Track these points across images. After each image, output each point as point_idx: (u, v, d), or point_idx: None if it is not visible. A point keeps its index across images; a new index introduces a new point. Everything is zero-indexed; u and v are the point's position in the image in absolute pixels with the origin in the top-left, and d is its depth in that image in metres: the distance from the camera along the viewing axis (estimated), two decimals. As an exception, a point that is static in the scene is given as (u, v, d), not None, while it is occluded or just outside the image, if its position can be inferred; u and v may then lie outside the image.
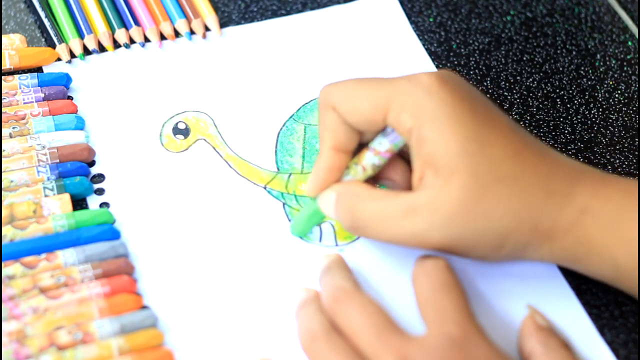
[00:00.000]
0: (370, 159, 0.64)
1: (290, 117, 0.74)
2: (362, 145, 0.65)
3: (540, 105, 0.75)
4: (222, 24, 0.79)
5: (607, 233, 0.60)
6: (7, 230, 0.65)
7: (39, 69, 0.76)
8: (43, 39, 0.78)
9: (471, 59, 0.78)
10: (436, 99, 0.61)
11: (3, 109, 0.71)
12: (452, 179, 0.60)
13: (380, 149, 0.64)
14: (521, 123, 0.74)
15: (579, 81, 0.77)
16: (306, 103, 0.75)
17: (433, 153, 0.60)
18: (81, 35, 0.77)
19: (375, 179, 0.66)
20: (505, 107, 0.75)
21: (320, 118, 0.65)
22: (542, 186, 0.60)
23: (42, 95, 0.73)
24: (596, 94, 0.76)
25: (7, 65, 0.74)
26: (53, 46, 0.77)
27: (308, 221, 0.67)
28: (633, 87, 0.76)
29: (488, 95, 0.75)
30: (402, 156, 0.65)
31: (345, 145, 0.64)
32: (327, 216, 0.65)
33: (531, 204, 0.60)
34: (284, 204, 0.70)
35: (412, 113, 0.61)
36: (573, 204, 0.60)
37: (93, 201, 0.69)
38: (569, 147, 0.72)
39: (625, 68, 0.77)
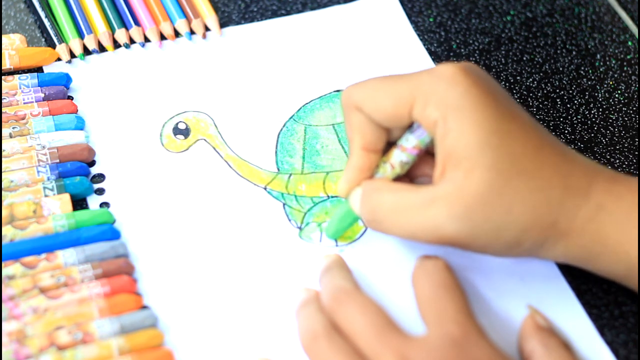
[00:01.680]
0: (398, 157, 0.64)
1: (291, 117, 0.74)
2: (391, 144, 0.65)
3: (540, 105, 0.75)
4: (222, 24, 0.79)
5: (621, 230, 0.60)
6: (7, 230, 0.65)
7: (39, 69, 0.76)
8: (43, 39, 0.78)
9: (471, 59, 0.78)
10: (459, 90, 0.61)
11: (3, 109, 0.71)
12: (474, 172, 0.59)
13: (407, 145, 0.64)
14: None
15: (579, 81, 0.77)
16: (306, 103, 0.75)
17: (455, 145, 0.60)
18: (81, 35, 0.77)
19: (411, 178, 0.66)
20: (505, 107, 0.75)
21: (347, 119, 0.65)
22: (560, 182, 0.60)
23: (42, 95, 0.73)
24: (596, 94, 0.76)
25: (7, 65, 0.74)
26: (53, 46, 0.77)
27: (340, 222, 0.67)
28: (633, 87, 0.76)
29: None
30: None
31: (374, 145, 0.64)
32: (357, 214, 0.65)
33: (550, 199, 0.60)
34: (284, 204, 0.70)
35: (437, 105, 0.61)
36: (590, 201, 0.60)
37: (93, 201, 0.69)
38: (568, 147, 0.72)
39: (625, 68, 0.77)
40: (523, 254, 0.62)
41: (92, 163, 0.71)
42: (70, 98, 0.74)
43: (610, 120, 0.74)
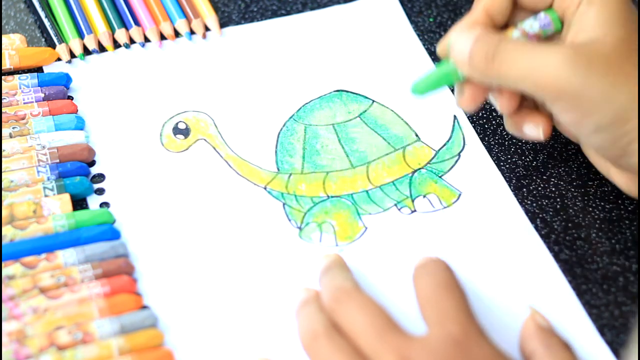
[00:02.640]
0: (516, 36, 0.64)
1: (291, 117, 0.74)
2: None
3: (541, 105, 0.75)
4: (222, 24, 0.79)
5: None
6: (7, 230, 0.65)
7: (39, 69, 0.76)
8: (43, 39, 0.78)
9: (471, 59, 0.77)
10: None
11: (3, 109, 0.71)
12: (605, 37, 0.62)
13: (530, 30, 0.65)
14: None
15: (579, 81, 0.76)
16: (306, 103, 0.75)
17: (595, 16, 0.62)
18: (81, 35, 0.77)
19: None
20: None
21: None
22: None
23: (42, 95, 0.73)
24: (596, 94, 0.76)
25: (7, 65, 0.74)
26: (53, 46, 0.77)
27: (436, 82, 0.65)
28: (633, 87, 0.76)
29: (488, 95, 0.75)
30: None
31: (497, 13, 0.65)
32: (457, 61, 0.64)
33: None
34: (284, 204, 0.70)
35: None
36: None
37: (93, 201, 0.69)
38: (568, 147, 0.72)
39: (625, 68, 0.77)
40: (623, 143, 0.62)
41: (92, 163, 0.71)
42: (70, 98, 0.74)
43: (610, 120, 0.74)
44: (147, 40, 0.78)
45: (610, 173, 0.68)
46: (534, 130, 0.66)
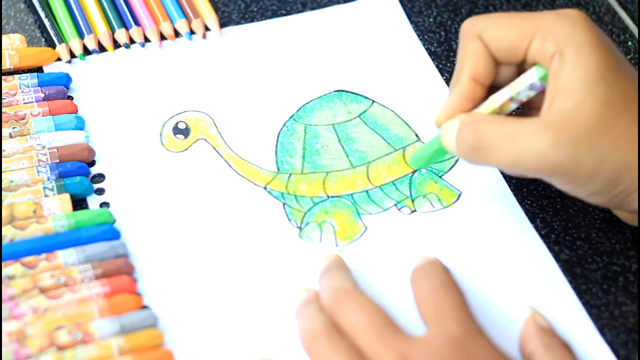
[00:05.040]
0: (503, 100, 0.64)
1: (291, 117, 0.74)
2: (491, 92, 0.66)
3: (541, 105, 0.75)
4: (222, 24, 0.79)
5: None
6: (7, 230, 0.65)
7: (39, 69, 0.76)
8: (43, 39, 0.78)
9: (471, 59, 0.77)
10: (581, 29, 0.62)
11: (3, 109, 0.71)
12: (584, 104, 0.60)
13: (522, 97, 0.64)
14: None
15: (579, 81, 0.76)
16: (306, 103, 0.75)
17: (571, 77, 0.61)
18: (81, 35, 0.77)
19: None
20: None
21: (462, 47, 0.66)
22: None
23: (42, 95, 0.73)
24: (596, 94, 0.76)
25: (7, 65, 0.74)
26: (53, 46, 0.77)
27: (430, 158, 0.67)
28: (633, 87, 0.76)
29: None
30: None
31: (483, 77, 0.65)
32: (447, 148, 0.65)
33: None
34: (284, 204, 0.70)
35: (557, 40, 0.62)
36: None
37: (93, 201, 0.69)
38: (569, 147, 0.72)
39: (625, 68, 0.77)
40: (620, 198, 0.62)
41: (92, 163, 0.71)
42: (70, 98, 0.74)
43: (610, 120, 0.74)
44: (147, 40, 0.78)
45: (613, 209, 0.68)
46: None
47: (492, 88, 0.66)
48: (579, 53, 0.61)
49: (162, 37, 0.78)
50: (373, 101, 0.75)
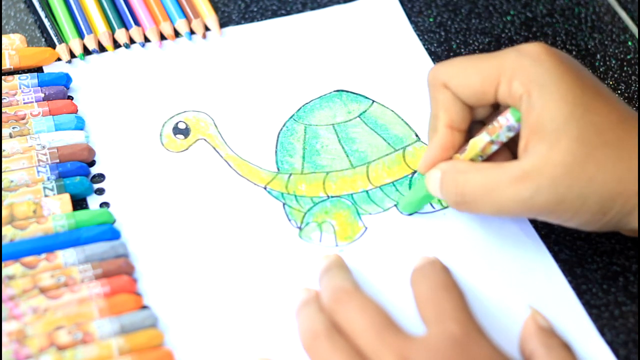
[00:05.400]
0: (486, 137, 0.64)
1: (291, 117, 0.74)
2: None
3: (540, 105, 0.75)
4: (222, 24, 0.79)
5: None
6: (7, 230, 0.65)
7: (39, 69, 0.76)
8: (43, 39, 0.78)
9: (471, 59, 0.77)
10: (544, 67, 0.62)
11: (3, 109, 0.71)
12: (558, 143, 0.61)
13: (501, 139, 0.64)
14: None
15: (579, 81, 0.76)
16: (306, 103, 0.75)
17: (540, 119, 0.61)
18: (81, 35, 0.77)
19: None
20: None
21: (433, 97, 0.66)
22: None
23: (42, 95, 0.73)
24: (596, 94, 0.76)
25: (7, 65, 0.74)
26: (53, 46, 0.77)
27: (414, 198, 0.68)
28: (633, 87, 0.76)
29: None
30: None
31: (459, 123, 0.65)
32: (433, 195, 0.66)
33: (634, 168, 0.61)
34: (284, 204, 0.70)
35: (522, 81, 0.62)
36: None
37: (93, 201, 0.69)
38: (569, 147, 0.72)
39: (625, 68, 0.77)
40: (612, 223, 0.62)
41: (92, 163, 0.71)
42: (70, 98, 0.74)
43: (610, 120, 0.74)
44: (147, 40, 0.78)
45: None
46: None
47: (473, 123, 0.66)
48: (544, 94, 0.61)
49: (162, 37, 0.78)
50: (373, 101, 0.75)
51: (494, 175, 0.62)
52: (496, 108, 0.66)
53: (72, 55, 0.77)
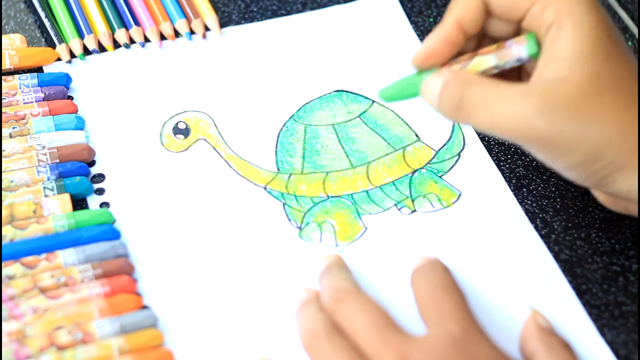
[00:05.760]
0: (490, 65, 0.64)
1: (291, 117, 0.74)
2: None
3: (541, 105, 0.75)
4: (222, 24, 0.79)
5: None
6: (7, 230, 0.65)
7: (39, 69, 0.76)
8: (43, 39, 0.78)
9: (471, 59, 0.77)
10: (584, 6, 0.62)
11: (3, 109, 0.71)
12: (572, 76, 0.60)
13: (506, 65, 0.63)
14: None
15: (579, 81, 0.76)
16: (306, 103, 0.75)
17: (564, 49, 0.61)
18: (81, 35, 0.77)
19: None
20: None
21: None
22: None
23: (42, 95, 0.73)
24: (596, 94, 0.76)
25: (7, 65, 0.74)
26: (53, 46, 0.77)
27: (400, 91, 0.65)
28: (633, 87, 0.76)
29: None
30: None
31: (469, 25, 0.64)
32: (426, 101, 0.64)
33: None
34: (284, 204, 0.70)
35: (558, 10, 0.62)
36: None
37: (93, 201, 0.69)
38: (569, 147, 0.72)
39: (625, 68, 0.77)
40: (599, 175, 0.61)
41: (92, 163, 0.71)
42: (70, 98, 0.74)
43: (610, 120, 0.74)
44: (147, 40, 0.78)
45: (592, 190, 0.68)
46: None
47: (478, 36, 0.66)
48: (576, 28, 0.61)
49: (162, 37, 0.78)
50: (373, 101, 0.75)
51: (500, 88, 0.61)
52: (512, 32, 0.65)
53: (72, 55, 0.77)
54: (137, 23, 0.78)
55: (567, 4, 0.62)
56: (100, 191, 0.70)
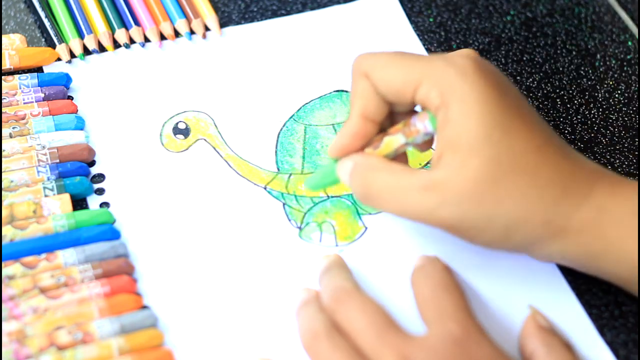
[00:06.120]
0: (402, 139, 0.64)
1: (291, 117, 0.74)
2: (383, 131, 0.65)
3: (540, 105, 0.75)
4: (222, 24, 0.79)
5: (625, 231, 0.60)
6: (7, 230, 0.65)
7: (39, 69, 0.76)
8: (43, 39, 0.78)
9: (471, 59, 0.77)
10: (468, 82, 0.61)
11: (3, 109, 0.71)
12: (471, 161, 0.60)
13: (415, 141, 0.63)
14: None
15: (579, 81, 0.77)
16: (306, 103, 0.75)
17: (456, 134, 0.60)
18: (81, 35, 0.77)
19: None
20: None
21: (353, 85, 0.65)
22: (560, 183, 0.60)
23: (42, 95, 0.73)
24: (596, 94, 0.76)
25: (7, 65, 0.74)
26: (53, 46, 0.77)
27: (322, 179, 0.66)
28: (633, 87, 0.76)
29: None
30: None
31: (374, 115, 0.64)
32: (343, 182, 0.65)
33: (547, 198, 0.60)
34: (284, 204, 0.70)
35: (442, 92, 0.61)
36: (590, 202, 0.60)
37: (93, 201, 0.69)
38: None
39: (625, 68, 0.77)
40: (516, 249, 0.62)
41: (92, 163, 0.71)
42: (70, 98, 0.74)
43: (610, 121, 0.74)
44: (147, 40, 0.78)
45: None
46: None
47: (392, 114, 0.65)
48: (464, 110, 0.60)
49: (162, 37, 0.78)
50: (373, 101, 0.75)
51: (403, 179, 0.61)
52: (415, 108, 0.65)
53: (72, 55, 0.77)
54: (137, 23, 0.78)
55: (450, 83, 0.61)
56: (100, 191, 0.70)
